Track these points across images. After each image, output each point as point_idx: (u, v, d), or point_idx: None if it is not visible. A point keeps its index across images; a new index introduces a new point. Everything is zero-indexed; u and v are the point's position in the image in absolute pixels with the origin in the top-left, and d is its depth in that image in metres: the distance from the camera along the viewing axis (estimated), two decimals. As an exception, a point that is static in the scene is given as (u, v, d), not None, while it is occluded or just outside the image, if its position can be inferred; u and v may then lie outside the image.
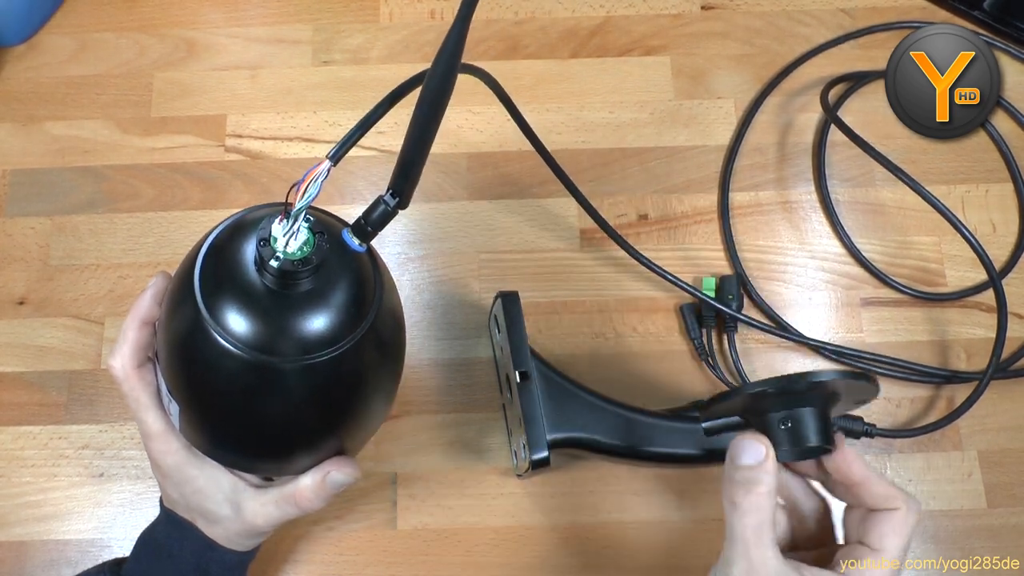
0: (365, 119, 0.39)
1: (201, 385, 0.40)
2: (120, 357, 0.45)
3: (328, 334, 0.38)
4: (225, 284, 0.38)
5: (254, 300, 0.37)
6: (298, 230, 0.36)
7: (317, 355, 0.37)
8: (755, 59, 0.69)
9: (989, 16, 0.70)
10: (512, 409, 0.55)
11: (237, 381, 0.38)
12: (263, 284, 0.37)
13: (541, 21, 0.70)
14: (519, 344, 0.52)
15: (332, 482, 0.44)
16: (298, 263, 0.36)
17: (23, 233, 0.64)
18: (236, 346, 0.37)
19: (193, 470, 0.45)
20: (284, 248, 0.36)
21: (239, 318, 0.37)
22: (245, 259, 0.38)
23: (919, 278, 0.64)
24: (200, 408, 0.41)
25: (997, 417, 0.60)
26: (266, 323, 0.37)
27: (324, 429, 0.42)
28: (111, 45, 0.69)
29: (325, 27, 0.70)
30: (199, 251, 0.39)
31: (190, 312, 0.38)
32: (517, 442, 0.54)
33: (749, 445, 0.41)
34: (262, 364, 0.37)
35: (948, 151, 0.67)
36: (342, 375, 0.39)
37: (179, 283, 0.40)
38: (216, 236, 0.40)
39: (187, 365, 0.39)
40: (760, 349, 0.62)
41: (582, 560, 0.57)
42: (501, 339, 0.56)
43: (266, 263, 0.36)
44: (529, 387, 0.52)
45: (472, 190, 0.65)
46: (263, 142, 0.66)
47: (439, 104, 0.36)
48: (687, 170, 0.66)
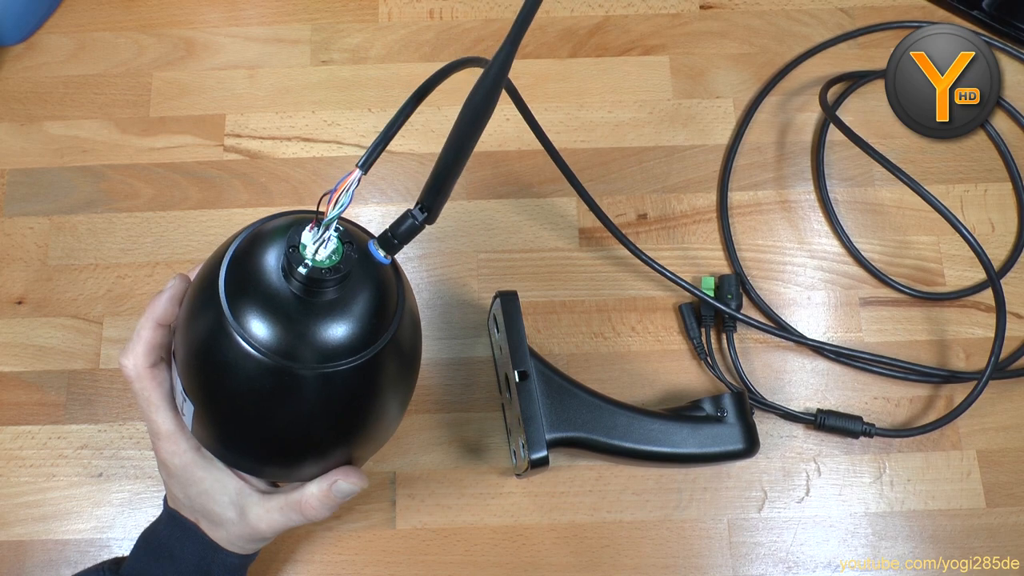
0: (391, 124, 0.38)
1: (219, 387, 0.40)
2: (133, 356, 0.45)
3: (349, 344, 0.38)
4: (250, 288, 0.38)
5: (279, 305, 0.37)
6: (328, 239, 0.37)
7: (337, 364, 0.38)
8: (754, 58, 0.69)
9: (988, 16, 0.70)
10: (511, 409, 0.55)
11: (255, 385, 0.38)
12: (289, 290, 0.37)
13: (540, 20, 0.70)
14: (518, 343, 0.52)
15: (338, 491, 0.44)
16: (326, 271, 0.36)
17: (22, 233, 0.64)
18: (258, 350, 0.37)
19: (200, 472, 0.45)
20: (313, 256, 0.36)
21: (263, 322, 0.37)
22: (271, 265, 0.38)
23: (918, 277, 0.64)
24: (216, 409, 0.41)
25: (996, 416, 0.60)
26: (289, 329, 0.37)
27: (336, 438, 0.42)
28: (110, 45, 0.69)
29: (324, 27, 0.70)
30: (224, 254, 0.39)
31: (213, 313, 0.38)
32: (516, 442, 0.55)
33: None
34: (282, 369, 0.37)
35: (947, 151, 0.67)
36: (360, 385, 0.39)
37: (203, 284, 0.40)
38: (242, 240, 0.40)
39: (206, 366, 0.39)
40: (759, 348, 0.62)
41: (581, 560, 0.57)
42: (500, 339, 0.56)
43: (294, 269, 0.36)
44: (528, 387, 0.52)
45: (471, 189, 0.65)
46: (262, 142, 0.66)
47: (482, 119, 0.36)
48: (686, 169, 0.66)
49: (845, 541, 0.58)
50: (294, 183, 0.65)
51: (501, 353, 0.56)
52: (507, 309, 0.53)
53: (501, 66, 0.34)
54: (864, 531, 0.58)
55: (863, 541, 0.58)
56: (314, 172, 0.65)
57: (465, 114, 0.36)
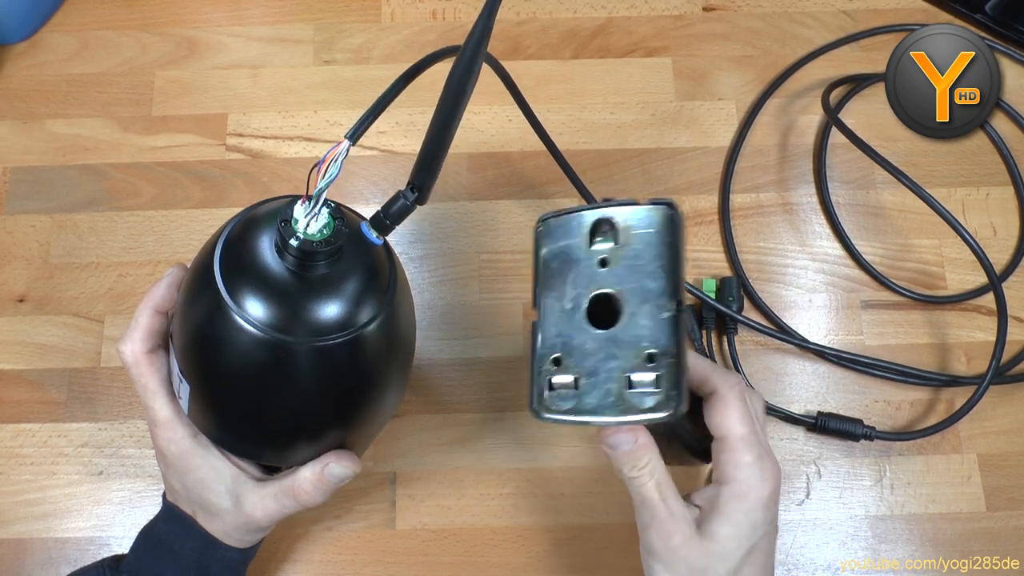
0: (381, 98, 0.39)
1: (214, 364, 0.40)
2: (131, 342, 0.45)
3: (342, 318, 0.39)
4: (244, 264, 0.39)
5: (272, 280, 0.38)
6: (319, 212, 0.38)
7: (329, 337, 0.38)
8: (757, 61, 0.69)
9: (991, 19, 0.70)
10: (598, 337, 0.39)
11: (250, 359, 0.38)
12: (282, 265, 0.38)
13: (543, 22, 0.70)
14: (684, 269, 0.39)
15: (331, 474, 0.44)
16: (318, 244, 0.37)
17: (24, 231, 0.64)
18: (252, 323, 0.37)
19: (197, 459, 0.45)
20: (305, 229, 0.37)
21: (256, 296, 0.38)
22: (264, 242, 0.39)
23: (919, 281, 0.64)
24: (211, 387, 0.41)
25: (997, 420, 0.60)
26: (282, 303, 0.38)
27: (329, 415, 0.43)
28: (112, 43, 0.69)
29: (326, 26, 0.70)
30: (220, 235, 0.40)
31: (209, 291, 0.38)
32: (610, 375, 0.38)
33: (619, 434, 0.40)
34: (276, 343, 0.38)
35: (949, 154, 0.67)
36: (352, 360, 0.40)
37: (199, 266, 0.41)
38: (236, 222, 0.41)
39: (202, 343, 0.40)
40: (759, 351, 0.62)
41: (581, 561, 0.57)
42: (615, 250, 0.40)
43: (287, 242, 0.37)
44: (686, 320, 0.40)
45: (472, 190, 0.65)
46: (264, 141, 0.66)
47: (462, 94, 0.37)
48: (688, 171, 0.66)
49: (845, 544, 0.58)
50: (296, 183, 0.65)
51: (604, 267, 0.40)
52: (677, 225, 0.39)
53: (477, 41, 0.35)
54: (864, 534, 0.58)
55: (863, 544, 0.58)
56: (316, 172, 0.66)
57: (445, 92, 0.37)
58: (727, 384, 0.40)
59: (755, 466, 0.39)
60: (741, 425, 0.40)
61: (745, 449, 0.39)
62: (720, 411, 0.40)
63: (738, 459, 0.39)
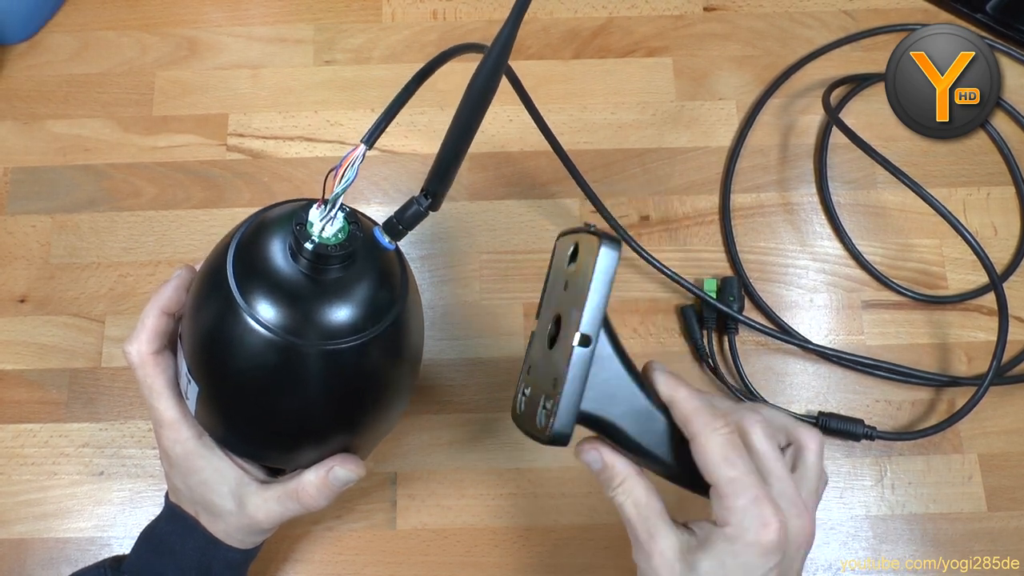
0: (395, 101, 0.39)
1: (224, 365, 0.40)
2: (137, 343, 0.45)
3: (353, 322, 0.39)
4: (257, 267, 0.39)
5: (284, 283, 0.38)
6: (334, 216, 0.38)
7: (339, 341, 0.38)
8: (757, 61, 0.69)
9: (992, 19, 0.70)
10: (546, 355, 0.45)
11: (261, 361, 0.39)
12: (295, 268, 0.38)
13: (543, 22, 0.70)
14: (598, 303, 0.42)
15: (335, 478, 0.44)
16: (332, 248, 0.37)
17: (24, 231, 0.64)
18: (263, 325, 0.37)
19: (200, 461, 0.45)
20: (320, 232, 0.37)
21: (268, 299, 0.38)
22: (277, 245, 0.39)
23: (920, 281, 0.64)
24: (221, 388, 0.41)
25: (997, 420, 0.60)
26: (295, 306, 0.38)
27: (336, 418, 0.43)
28: (113, 44, 0.69)
29: (327, 27, 0.70)
30: (232, 237, 0.40)
31: (221, 293, 0.39)
32: (537, 394, 0.44)
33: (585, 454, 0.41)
34: (288, 346, 0.38)
35: (949, 154, 0.67)
36: (362, 365, 0.40)
37: (210, 267, 0.41)
38: (249, 225, 0.41)
39: (213, 344, 0.40)
40: (760, 351, 0.62)
41: (581, 561, 0.57)
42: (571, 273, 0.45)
43: (301, 245, 0.37)
44: (583, 357, 0.42)
45: (473, 190, 0.65)
46: (264, 141, 0.66)
47: (484, 103, 0.36)
48: (688, 171, 0.66)
49: (846, 544, 0.58)
50: (296, 183, 0.65)
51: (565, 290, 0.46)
52: (603, 261, 0.41)
53: (502, 47, 0.35)
54: (865, 534, 0.58)
55: (864, 544, 0.58)
56: (316, 172, 0.66)
57: (467, 98, 0.36)
58: (709, 428, 0.38)
59: (750, 510, 0.37)
60: (727, 469, 0.38)
61: (734, 494, 0.37)
62: (699, 456, 0.39)
63: (728, 504, 0.38)
